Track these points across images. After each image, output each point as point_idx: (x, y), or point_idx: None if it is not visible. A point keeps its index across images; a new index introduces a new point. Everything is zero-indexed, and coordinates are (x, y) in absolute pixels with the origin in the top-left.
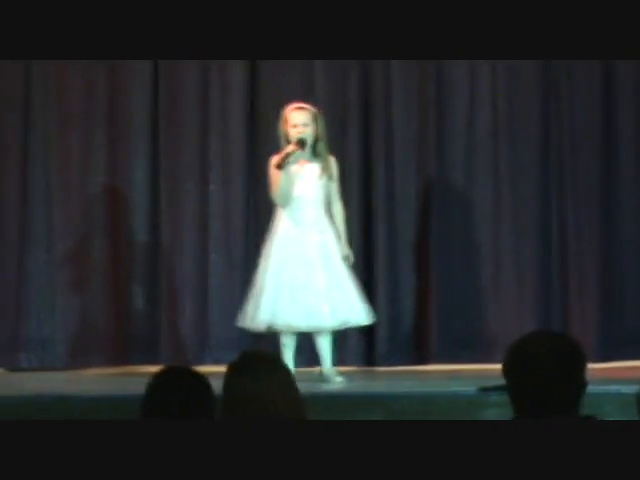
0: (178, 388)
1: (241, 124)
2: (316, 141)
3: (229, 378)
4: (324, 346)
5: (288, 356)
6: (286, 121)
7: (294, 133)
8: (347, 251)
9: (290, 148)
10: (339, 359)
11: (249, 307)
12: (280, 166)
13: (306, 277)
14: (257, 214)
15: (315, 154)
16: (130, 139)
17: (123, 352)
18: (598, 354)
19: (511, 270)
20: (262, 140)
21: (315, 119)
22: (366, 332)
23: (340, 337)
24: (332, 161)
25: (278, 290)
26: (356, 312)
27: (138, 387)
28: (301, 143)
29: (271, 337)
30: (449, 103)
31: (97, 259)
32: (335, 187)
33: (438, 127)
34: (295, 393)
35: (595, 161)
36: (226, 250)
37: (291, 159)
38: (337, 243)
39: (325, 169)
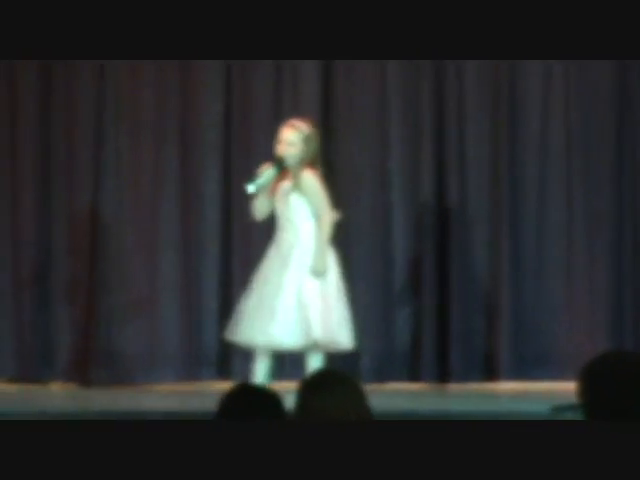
0: (249, 405)
1: None
2: (298, 161)
3: (304, 395)
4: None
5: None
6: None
7: (277, 149)
8: (317, 266)
9: (264, 167)
10: (411, 375)
11: None
12: (250, 183)
13: (260, 296)
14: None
15: (294, 173)
16: (202, 152)
17: (196, 368)
18: None
19: (583, 288)
20: (335, 150)
21: (304, 139)
22: (438, 349)
23: (412, 354)
24: (305, 177)
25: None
26: (288, 334)
27: (209, 404)
28: (277, 161)
29: (345, 356)
30: (522, 107)
31: (168, 273)
32: (313, 202)
33: (510, 134)
34: (367, 412)
35: None
36: None
37: (260, 178)
38: (300, 261)
39: (295, 185)
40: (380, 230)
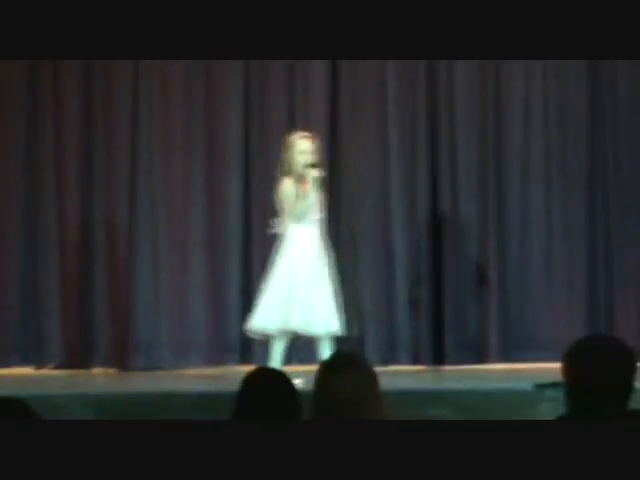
0: (266, 386)
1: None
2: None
3: (321, 376)
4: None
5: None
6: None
7: (305, 159)
8: None
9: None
10: (414, 358)
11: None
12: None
13: None
14: (336, 232)
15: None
16: (225, 161)
17: (220, 354)
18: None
19: (562, 281)
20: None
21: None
22: (436, 335)
23: (413, 338)
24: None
25: None
26: None
27: (233, 385)
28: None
29: (353, 339)
30: (506, 118)
31: (196, 272)
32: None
33: (495, 143)
34: (379, 393)
35: (637, 178)
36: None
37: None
38: None
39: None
40: (382, 230)
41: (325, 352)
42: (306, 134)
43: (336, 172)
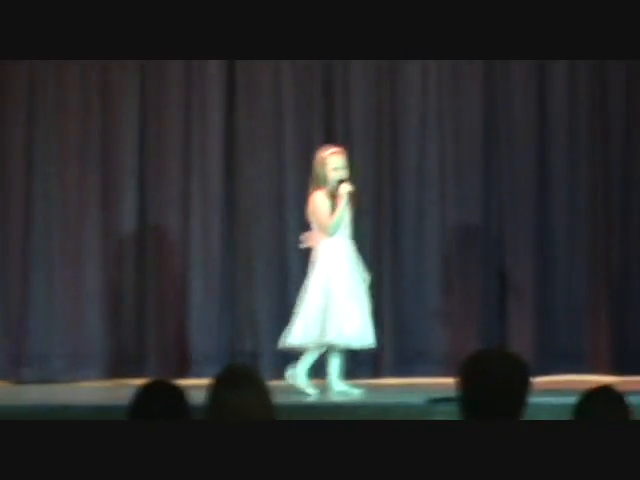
0: (159, 399)
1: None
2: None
3: (214, 390)
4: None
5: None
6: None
7: (337, 175)
8: None
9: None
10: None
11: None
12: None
13: None
14: (232, 245)
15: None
16: (121, 180)
17: (115, 366)
18: (533, 370)
19: (456, 293)
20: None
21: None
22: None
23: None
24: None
25: None
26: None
27: (127, 398)
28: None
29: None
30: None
31: (91, 285)
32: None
33: (391, 158)
34: (271, 406)
35: (530, 189)
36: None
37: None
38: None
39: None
40: (277, 246)
41: (334, 365)
42: (336, 149)
43: (232, 187)
